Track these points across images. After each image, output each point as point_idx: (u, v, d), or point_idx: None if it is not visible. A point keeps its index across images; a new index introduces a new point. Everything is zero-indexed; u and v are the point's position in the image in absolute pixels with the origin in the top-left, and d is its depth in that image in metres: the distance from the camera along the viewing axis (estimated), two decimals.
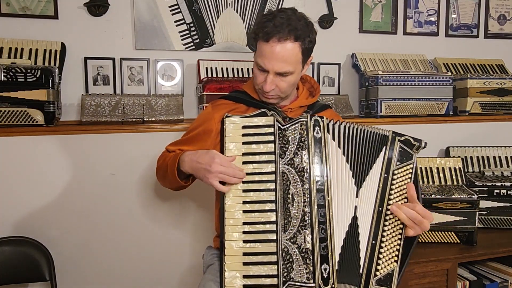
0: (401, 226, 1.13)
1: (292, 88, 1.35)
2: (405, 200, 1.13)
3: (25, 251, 1.63)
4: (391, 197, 1.13)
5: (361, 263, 1.12)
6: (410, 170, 1.15)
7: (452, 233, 1.82)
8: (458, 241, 1.83)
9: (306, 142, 1.14)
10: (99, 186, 1.78)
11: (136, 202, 1.84)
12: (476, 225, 1.78)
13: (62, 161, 1.73)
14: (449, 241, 1.83)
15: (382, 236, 1.12)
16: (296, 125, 1.16)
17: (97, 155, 1.77)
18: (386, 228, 1.12)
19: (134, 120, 1.79)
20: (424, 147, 1.16)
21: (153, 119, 1.80)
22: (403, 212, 1.09)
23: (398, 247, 1.12)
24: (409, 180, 1.14)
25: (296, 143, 1.15)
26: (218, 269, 1.29)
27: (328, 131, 1.16)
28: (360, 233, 1.13)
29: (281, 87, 1.29)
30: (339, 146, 1.16)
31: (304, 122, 1.15)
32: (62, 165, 1.73)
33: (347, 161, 1.16)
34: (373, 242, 1.11)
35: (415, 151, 1.16)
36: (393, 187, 1.14)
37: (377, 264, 1.11)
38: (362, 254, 1.12)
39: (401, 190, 1.14)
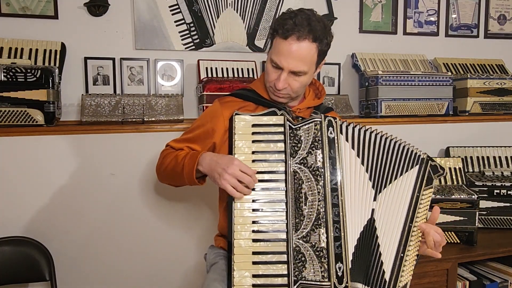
0: (419, 243, 1.17)
1: (303, 89, 1.35)
2: (424, 221, 1.18)
3: (25, 251, 1.63)
4: (418, 215, 1.16)
5: (386, 269, 1.13)
6: (431, 194, 1.20)
7: (452, 233, 1.82)
8: (458, 241, 1.83)
9: (320, 142, 1.15)
10: (99, 186, 1.78)
11: (136, 202, 1.84)
12: (476, 225, 1.78)
13: (62, 161, 1.73)
14: (449, 241, 1.83)
15: (408, 250, 1.14)
16: (310, 124, 1.16)
17: (97, 155, 1.77)
18: (411, 243, 1.15)
19: (134, 120, 1.79)
20: (444, 176, 1.21)
21: (153, 119, 1.80)
22: (432, 236, 1.13)
23: (414, 262, 1.17)
24: (428, 203, 1.18)
25: (310, 143, 1.15)
26: (222, 268, 1.29)
27: (341, 132, 1.17)
28: (379, 237, 1.14)
29: (293, 86, 1.28)
30: (352, 148, 1.17)
31: (319, 122, 1.16)
32: (62, 165, 1.73)
33: (362, 163, 1.17)
34: (402, 255, 1.14)
35: (436, 177, 1.19)
36: (420, 206, 1.17)
37: (401, 276, 1.13)
38: (385, 260, 1.14)
39: (424, 211, 1.18)
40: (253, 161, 1.15)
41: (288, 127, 1.17)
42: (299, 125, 1.17)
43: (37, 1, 1.82)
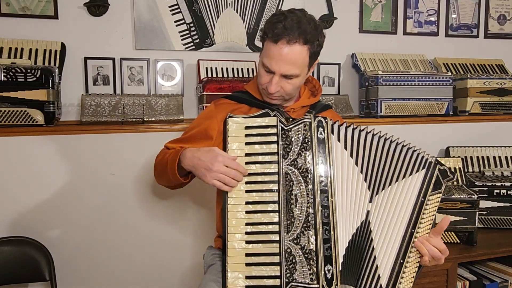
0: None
1: (296, 90, 1.34)
2: (430, 228, 1.15)
3: (25, 251, 1.63)
4: (422, 220, 1.13)
5: (382, 273, 1.11)
6: (438, 200, 1.15)
7: (452, 233, 1.81)
8: (458, 241, 1.83)
9: (309, 143, 1.14)
10: (99, 186, 1.78)
11: (136, 202, 1.84)
12: (476, 225, 1.78)
13: (62, 161, 1.73)
14: (449, 241, 1.83)
15: (408, 257, 1.12)
16: (300, 125, 1.16)
17: (97, 155, 1.77)
18: (412, 250, 1.13)
19: (134, 120, 1.79)
20: (455, 180, 1.17)
21: (153, 119, 1.80)
22: (426, 248, 1.11)
23: (416, 269, 1.14)
24: (435, 208, 1.15)
25: (300, 144, 1.15)
26: (219, 269, 1.28)
27: (332, 132, 1.16)
28: (374, 239, 1.13)
29: (286, 89, 1.28)
30: (345, 148, 1.16)
31: (308, 123, 1.15)
32: (62, 165, 1.73)
33: (356, 163, 1.15)
34: (401, 261, 1.12)
35: (446, 182, 1.16)
36: (425, 211, 1.14)
37: (399, 282, 1.11)
38: (381, 264, 1.12)
39: (429, 217, 1.14)
40: (247, 163, 1.15)
41: (280, 128, 1.16)
42: (290, 126, 1.16)
43: (37, 1, 1.82)
